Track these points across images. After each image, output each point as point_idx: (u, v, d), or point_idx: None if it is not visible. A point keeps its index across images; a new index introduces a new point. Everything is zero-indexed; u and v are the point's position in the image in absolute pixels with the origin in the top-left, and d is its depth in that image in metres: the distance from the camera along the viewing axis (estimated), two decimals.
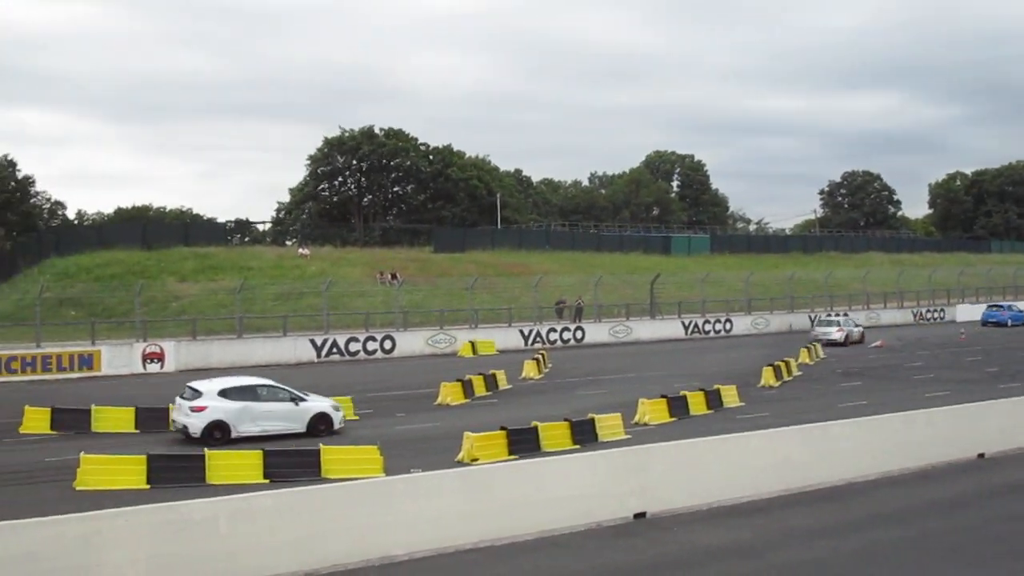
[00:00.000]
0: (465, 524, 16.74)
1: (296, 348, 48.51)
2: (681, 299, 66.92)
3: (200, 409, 26.79)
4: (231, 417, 27.03)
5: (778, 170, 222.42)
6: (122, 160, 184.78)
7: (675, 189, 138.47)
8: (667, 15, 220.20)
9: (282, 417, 27.84)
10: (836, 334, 57.11)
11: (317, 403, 28.70)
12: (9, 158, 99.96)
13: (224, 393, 27.35)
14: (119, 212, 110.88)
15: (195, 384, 28.19)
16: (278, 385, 28.90)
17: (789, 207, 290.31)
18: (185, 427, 26.92)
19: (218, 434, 26.67)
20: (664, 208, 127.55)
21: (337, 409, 28.92)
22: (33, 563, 13.32)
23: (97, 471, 21.49)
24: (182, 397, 27.65)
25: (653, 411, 30.39)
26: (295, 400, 28.25)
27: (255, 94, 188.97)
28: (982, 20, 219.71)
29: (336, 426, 28.43)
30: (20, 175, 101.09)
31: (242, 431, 27.04)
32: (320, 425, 28.13)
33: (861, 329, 60.53)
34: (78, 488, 21.10)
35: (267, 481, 21.34)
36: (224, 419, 26.90)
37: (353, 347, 50.06)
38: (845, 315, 63.39)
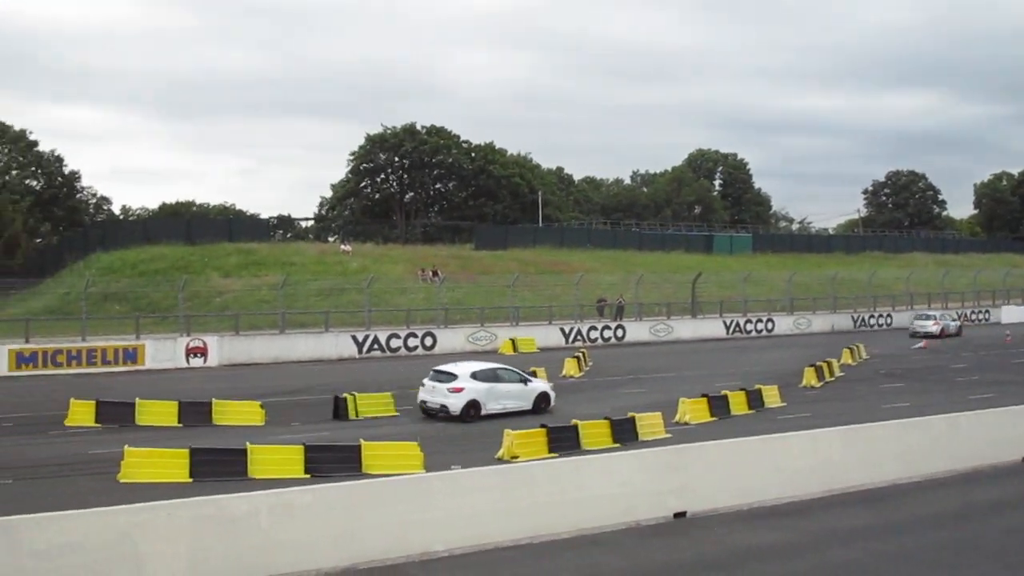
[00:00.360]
0: (504, 521, 16.75)
1: (338, 344, 48.72)
2: (723, 298, 66.62)
3: (458, 390, 29.94)
4: (481, 396, 30.24)
5: (821, 169, 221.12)
6: (166, 156, 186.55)
7: (717, 188, 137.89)
8: (710, 13, 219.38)
9: (516, 396, 31.12)
10: (932, 327, 61.39)
11: (540, 384, 32.28)
12: (56, 154, 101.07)
13: (475, 375, 30.62)
14: (163, 208, 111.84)
15: (446, 368, 31.32)
16: (511, 368, 32.51)
17: (832, 207, 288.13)
18: (444, 407, 29.96)
19: (472, 412, 29.92)
20: (706, 207, 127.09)
21: (552, 390, 32.27)
22: (78, 554, 13.46)
23: (141, 464, 21.69)
24: (433, 380, 30.66)
25: (694, 410, 30.28)
26: (524, 381, 31.58)
27: (298, 91, 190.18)
28: None
29: (551, 404, 31.70)
30: (67, 171, 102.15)
31: (489, 409, 30.26)
32: (542, 403, 31.43)
33: (958, 323, 64.31)
34: (122, 481, 21.29)
35: (308, 476, 21.45)
36: (477, 398, 30.14)
37: (394, 343, 50.20)
38: (940, 313, 66.08)
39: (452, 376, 30.43)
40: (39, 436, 27.43)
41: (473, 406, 29.93)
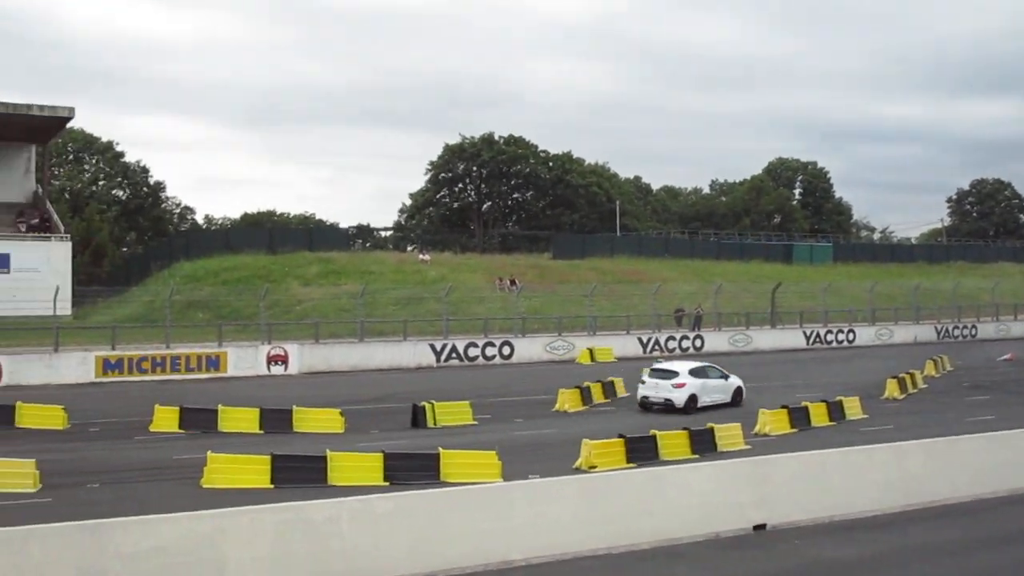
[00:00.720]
0: (582, 531, 16.74)
1: (416, 353, 49.05)
2: (803, 308, 65.89)
3: (681, 385, 33.64)
4: (698, 391, 33.91)
5: (903, 178, 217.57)
6: (249, 166, 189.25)
7: (797, 197, 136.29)
8: (790, 20, 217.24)
9: (720, 390, 34.89)
10: None
11: (736, 380, 35.62)
12: (142, 164, 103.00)
13: (692, 372, 34.38)
14: (245, 217, 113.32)
15: (666, 366, 35.50)
16: (715, 366, 36.23)
17: (915, 216, 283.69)
18: (669, 400, 33.53)
19: (692, 404, 33.42)
20: (786, 216, 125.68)
21: (744, 384, 35.82)
22: (163, 558, 13.71)
23: (223, 470, 22.02)
24: (654, 377, 34.32)
25: (774, 421, 30.00)
26: (724, 377, 35.24)
27: (377, 101, 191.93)
28: None
29: (743, 398, 35.25)
30: (152, 181, 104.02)
31: (703, 402, 33.80)
32: (737, 397, 35.17)
33: None
34: (205, 486, 21.64)
35: (387, 484, 21.60)
36: (695, 392, 33.77)
37: (472, 352, 50.41)
38: None
39: (674, 373, 34.15)
40: (125, 441, 28.00)
41: (692, 399, 33.57)
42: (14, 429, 29.52)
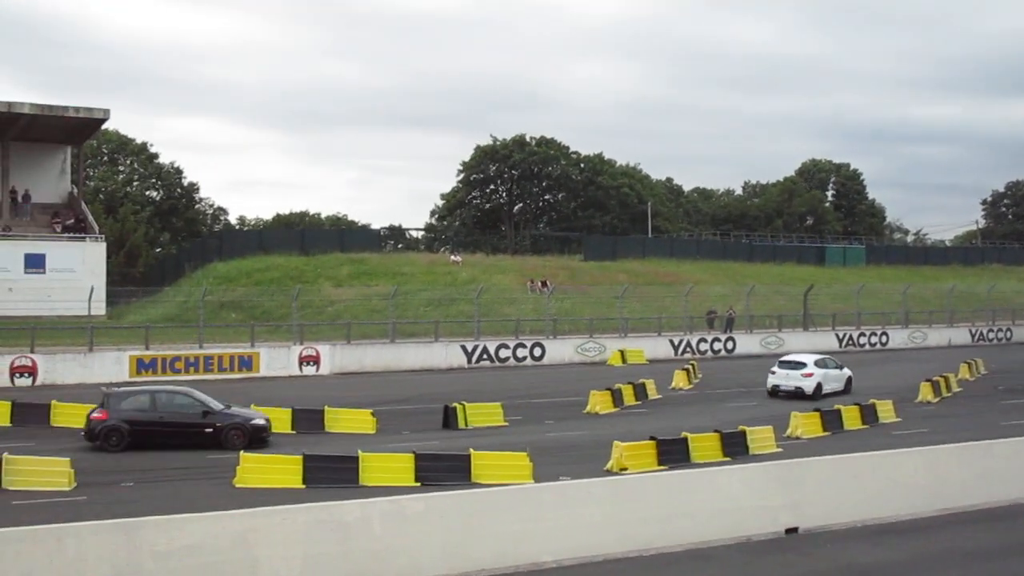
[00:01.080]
0: (613, 534, 16.72)
1: (447, 354, 49.13)
2: (835, 311, 65.54)
3: (809, 375, 37.87)
4: (822, 379, 38.19)
5: (937, 180, 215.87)
6: (281, 167, 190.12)
7: (830, 198, 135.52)
8: (822, 22, 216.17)
9: (837, 379, 39.17)
10: None
11: (847, 371, 39.92)
12: (176, 165, 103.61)
13: (816, 363, 38.76)
14: (277, 218, 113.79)
15: (794, 358, 40.27)
16: (830, 357, 41.39)
17: (949, 218, 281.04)
18: (799, 388, 37.51)
19: (818, 392, 37.46)
20: (818, 218, 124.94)
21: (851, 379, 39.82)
22: (196, 556, 13.79)
23: (256, 470, 22.17)
24: (783, 368, 38.61)
25: (806, 425, 29.87)
26: (839, 367, 39.75)
27: (407, 103, 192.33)
28: None
29: (852, 386, 39.38)
30: (185, 182, 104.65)
31: (826, 390, 38.01)
32: (848, 386, 39.37)
33: None
34: (237, 485, 21.78)
35: (418, 484, 21.67)
36: (821, 382, 38.03)
37: (503, 354, 50.45)
38: None
39: (802, 364, 38.53)
40: None
41: (819, 387, 37.68)
42: (49, 428, 29.82)
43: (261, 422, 27.31)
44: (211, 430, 26.45)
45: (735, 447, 26.05)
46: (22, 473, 21.77)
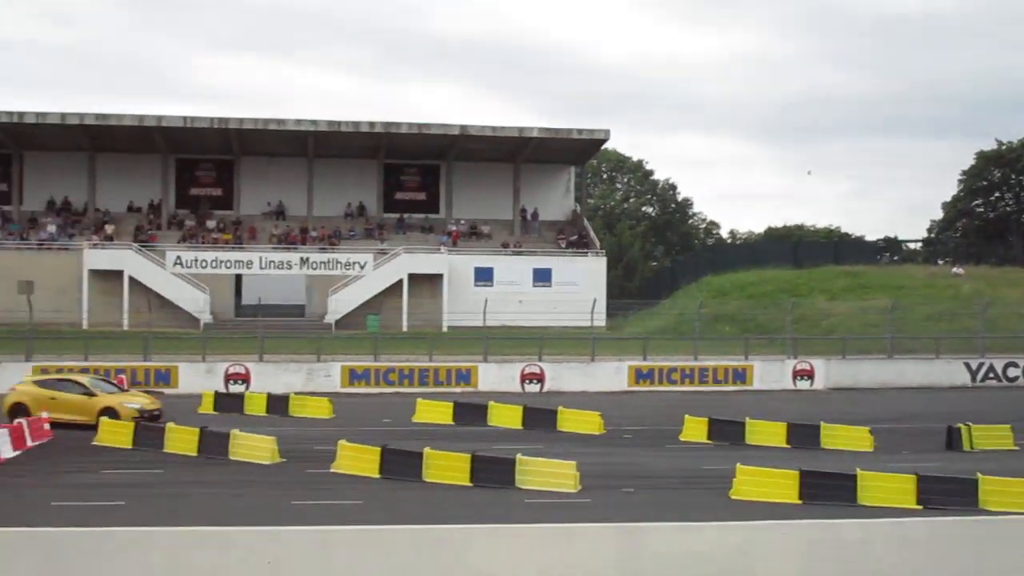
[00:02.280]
0: None
1: (949, 371, 46.73)
2: None
3: None
4: None
5: None
6: (771, 180, 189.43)
7: None
8: None
9: None
10: None
11: None
12: (671, 182, 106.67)
13: None
14: (769, 231, 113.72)
15: None
16: None
17: None
18: None
19: None
20: None
21: None
22: (696, 564, 14.16)
23: (752, 482, 22.27)
24: None
25: None
26: None
27: (903, 109, 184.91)
28: None
29: None
30: (679, 197, 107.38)
31: None
32: None
33: None
34: (733, 497, 21.99)
35: (920, 507, 20.85)
36: None
37: (1011, 373, 47.12)
38: None
39: None
40: (657, 449, 29.10)
41: None
42: (557, 432, 31.68)
43: None
44: None
45: None
46: (533, 474, 23.29)
